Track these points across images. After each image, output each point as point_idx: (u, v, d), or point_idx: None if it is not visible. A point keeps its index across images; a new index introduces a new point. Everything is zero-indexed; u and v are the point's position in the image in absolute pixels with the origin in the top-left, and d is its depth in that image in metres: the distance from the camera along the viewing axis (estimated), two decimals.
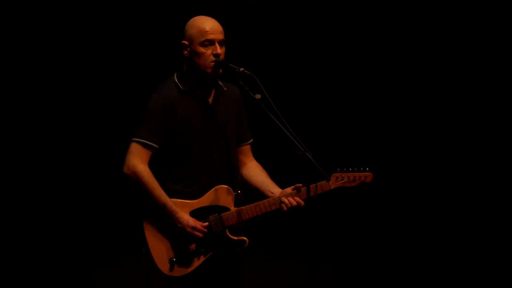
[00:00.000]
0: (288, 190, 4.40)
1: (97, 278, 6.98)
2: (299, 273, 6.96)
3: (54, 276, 7.03)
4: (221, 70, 4.30)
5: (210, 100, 4.38)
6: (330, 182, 4.37)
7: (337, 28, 7.43)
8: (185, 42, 4.31)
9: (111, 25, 7.37)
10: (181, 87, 4.33)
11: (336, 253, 7.37)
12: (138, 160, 4.23)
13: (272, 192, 4.44)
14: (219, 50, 4.28)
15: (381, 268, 7.15)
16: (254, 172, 4.54)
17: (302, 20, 7.47)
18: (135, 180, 4.23)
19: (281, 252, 7.55)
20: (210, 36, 4.27)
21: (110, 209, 7.43)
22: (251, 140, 4.58)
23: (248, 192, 4.51)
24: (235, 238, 4.36)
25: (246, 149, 4.57)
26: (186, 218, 4.27)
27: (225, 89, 4.43)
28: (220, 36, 4.30)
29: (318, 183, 4.34)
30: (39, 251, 7.26)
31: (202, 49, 4.27)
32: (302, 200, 4.37)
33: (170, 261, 4.28)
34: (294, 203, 4.35)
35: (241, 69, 4.24)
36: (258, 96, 4.20)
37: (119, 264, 7.25)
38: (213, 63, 4.27)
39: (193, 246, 4.30)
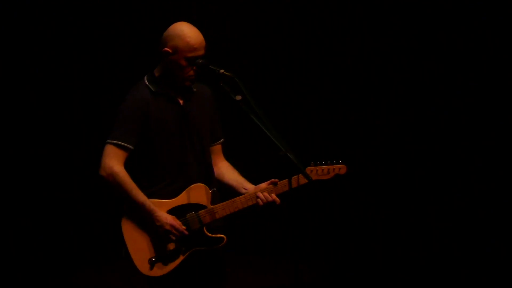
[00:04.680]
0: (263, 185, 4.44)
1: (80, 281, 7.00)
2: (284, 273, 6.96)
3: (37, 279, 7.05)
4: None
5: (182, 101, 4.42)
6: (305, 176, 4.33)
7: (304, 25, 7.46)
8: (169, 50, 4.32)
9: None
10: (152, 89, 4.37)
11: (321, 253, 7.38)
12: (114, 161, 4.26)
13: (245, 189, 4.47)
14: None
15: (365, 268, 7.18)
16: (226, 170, 4.58)
17: (275, 18, 7.50)
18: (112, 181, 4.26)
19: (267, 253, 7.56)
20: (197, 53, 4.30)
21: (92, 211, 7.42)
22: (222, 140, 4.62)
23: (221, 192, 4.53)
24: (213, 235, 4.39)
25: (218, 148, 4.61)
26: (164, 216, 4.30)
27: (194, 90, 4.46)
28: (204, 51, 4.34)
29: (293, 176, 4.36)
30: (24, 253, 7.26)
31: (186, 63, 4.30)
32: (280, 193, 4.40)
33: (150, 261, 4.31)
34: (270, 198, 4.39)
35: (221, 70, 4.27)
36: (238, 97, 4.20)
37: (103, 267, 7.26)
38: (193, 77, 4.32)
39: (171, 245, 4.32)
